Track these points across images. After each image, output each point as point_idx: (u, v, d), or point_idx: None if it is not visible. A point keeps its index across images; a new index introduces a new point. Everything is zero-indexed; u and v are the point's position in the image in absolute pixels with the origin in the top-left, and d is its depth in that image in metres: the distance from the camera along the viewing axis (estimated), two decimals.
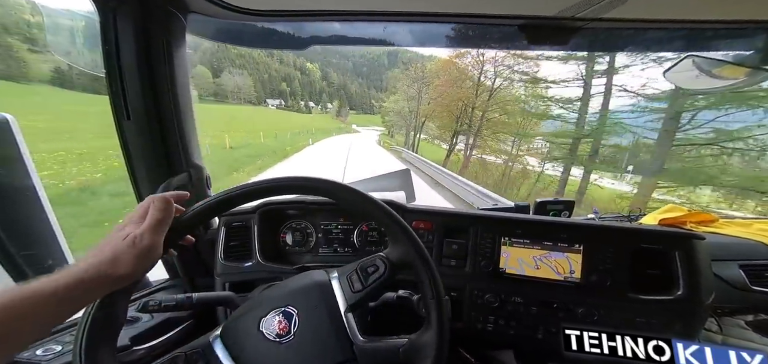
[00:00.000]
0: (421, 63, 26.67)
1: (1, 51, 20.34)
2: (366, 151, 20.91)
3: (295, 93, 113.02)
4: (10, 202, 0.67)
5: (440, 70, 19.54)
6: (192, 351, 0.47)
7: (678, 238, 0.78)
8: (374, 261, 0.52)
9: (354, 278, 0.52)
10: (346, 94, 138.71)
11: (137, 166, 0.78)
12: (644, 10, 0.71)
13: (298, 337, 0.47)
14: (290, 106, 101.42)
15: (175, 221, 0.47)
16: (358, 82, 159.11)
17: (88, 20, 0.72)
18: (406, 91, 26.79)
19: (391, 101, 33.65)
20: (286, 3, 0.76)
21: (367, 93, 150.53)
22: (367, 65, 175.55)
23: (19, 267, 0.66)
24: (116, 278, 0.38)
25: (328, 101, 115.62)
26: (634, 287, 0.75)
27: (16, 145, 0.67)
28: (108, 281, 0.38)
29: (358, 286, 0.51)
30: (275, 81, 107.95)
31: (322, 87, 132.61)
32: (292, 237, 0.91)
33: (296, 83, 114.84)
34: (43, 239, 0.71)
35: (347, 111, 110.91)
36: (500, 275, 0.79)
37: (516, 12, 0.75)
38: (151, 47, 0.72)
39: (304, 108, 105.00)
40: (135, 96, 0.72)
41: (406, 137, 28.89)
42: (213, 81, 70.21)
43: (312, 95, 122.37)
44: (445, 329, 0.47)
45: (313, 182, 0.52)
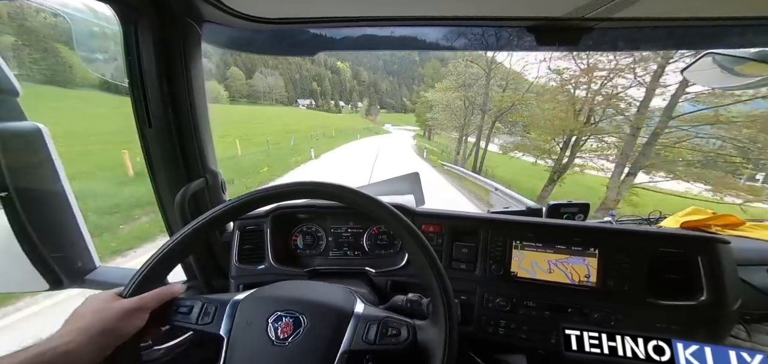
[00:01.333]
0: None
1: (50, 57, 20.93)
2: (400, 168, 9.78)
3: (326, 92, 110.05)
4: (43, 206, 0.72)
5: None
6: (210, 302, 0.52)
7: (700, 242, 0.75)
8: (402, 324, 0.49)
9: (373, 327, 0.48)
10: (376, 93, 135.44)
11: (158, 171, 0.81)
12: (656, 9, 0.69)
13: (291, 346, 0.47)
14: (320, 105, 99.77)
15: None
16: (389, 80, 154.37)
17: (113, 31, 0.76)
18: (464, 75, 16.26)
19: (438, 90, 21.18)
20: (296, 10, 0.78)
21: (398, 91, 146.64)
22: (398, 62, 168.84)
23: (51, 269, 0.70)
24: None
25: (359, 100, 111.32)
26: (652, 292, 0.73)
27: (48, 153, 0.71)
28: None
29: (370, 337, 0.48)
30: (306, 81, 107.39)
31: (353, 86, 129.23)
32: (303, 240, 0.93)
33: (327, 83, 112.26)
34: (73, 242, 0.76)
35: (377, 109, 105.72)
36: (511, 279, 0.78)
37: (524, 14, 0.75)
38: (169, 57, 0.75)
39: (334, 107, 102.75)
40: (156, 104, 0.76)
41: (461, 143, 19.28)
42: (246, 82, 71.00)
43: (342, 94, 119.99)
44: (454, 334, 0.46)
45: (325, 187, 0.53)
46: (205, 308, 0.52)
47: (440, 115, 21.00)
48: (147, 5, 0.68)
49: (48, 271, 0.70)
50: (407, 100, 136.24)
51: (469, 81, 16.39)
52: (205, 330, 0.51)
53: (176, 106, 0.79)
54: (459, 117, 18.33)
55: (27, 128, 0.71)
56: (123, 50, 0.72)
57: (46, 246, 0.70)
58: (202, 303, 0.52)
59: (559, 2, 0.67)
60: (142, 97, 0.75)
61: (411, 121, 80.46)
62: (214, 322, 0.50)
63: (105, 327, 0.42)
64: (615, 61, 8.44)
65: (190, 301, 0.53)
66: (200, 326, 0.51)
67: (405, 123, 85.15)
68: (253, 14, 0.76)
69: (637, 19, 0.73)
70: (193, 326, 0.51)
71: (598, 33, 0.79)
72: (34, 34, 19.53)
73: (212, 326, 0.50)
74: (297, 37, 0.97)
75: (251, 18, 0.77)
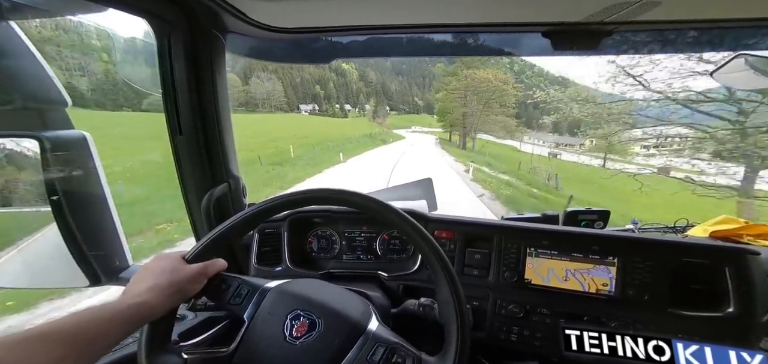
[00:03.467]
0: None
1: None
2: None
3: (330, 96, 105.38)
4: (87, 209, 0.78)
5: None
6: (245, 284, 0.56)
7: (728, 253, 0.72)
8: (408, 355, 0.49)
9: (380, 350, 0.49)
10: (384, 93, 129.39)
11: (187, 177, 0.86)
12: (679, 12, 0.68)
13: (300, 347, 0.49)
14: (325, 110, 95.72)
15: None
16: (399, 80, 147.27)
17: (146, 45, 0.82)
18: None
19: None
20: (312, 20, 0.81)
21: (408, 90, 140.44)
22: (407, 62, 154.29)
23: (92, 267, 0.77)
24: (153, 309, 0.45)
25: (366, 102, 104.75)
26: (674, 302, 0.70)
27: (92, 159, 0.78)
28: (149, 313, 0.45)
29: (374, 359, 0.48)
30: (308, 85, 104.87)
31: (360, 87, 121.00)
32: (318, 244, 0.96)
33: (331, 85, 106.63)
34: (111, 242, 0.82)
35: (386, 111, 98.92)
36: (525, 286, 0.77)
37: (542, 19, 0.74)
38: (198, 67, 0.80)
39: (340, 111, 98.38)
40: (186, 113, 0.80)
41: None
42: (242, 89, 71.10)
43: (348, 97, 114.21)
44: (466, 346, 0.46)
45: (337, 194, 0.55)
46: (239, 289, 0.56)
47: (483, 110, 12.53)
48: (179, 18, 0.72)
49: (89, 269, 0.77)
50: (419, 100, 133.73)
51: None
52: (233, 310, 0.54)
53: (204, 114, 0.84)
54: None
55: (74, 136, 0.78)
56: (157, 62, 0.77)
57: (88, 246, 0.76)
58: (238, 283, 0.56)
59: (577, 8, 0.66)
60: (174, 106, 0.79)
61: (425, 122, 77.06)
62: (243, 304, 0.54)
63: (176, 285, 0.48)
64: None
65: (229, 278, 0.57)
66: (230, 305, 0.55)
67: (416, 124, 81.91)
68: (272, 24, 0.80)
69: (659, 22, 0.71)
70: (225, 303, 0.55)
71: (618, 36, 0.77)
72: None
73: (240, 308, 0.54)
74: (313, 46, 1.01)
75: (271, 28, 0.81)
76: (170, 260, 0.51)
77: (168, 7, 0.69)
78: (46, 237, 0.77)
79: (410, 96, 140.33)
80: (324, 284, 0.64)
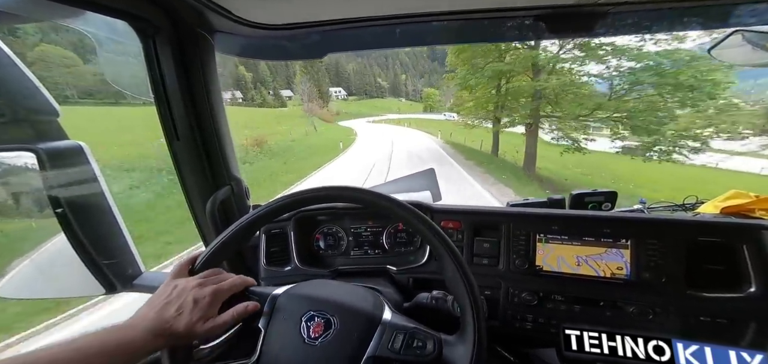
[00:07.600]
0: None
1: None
2: None
3: (264, 80, 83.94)
4: (92, 219, 0.79)
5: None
6: (253, 295, 0.56)
7: (743, 230, 0.69)
8: (428, 337, 0.48)
9: (399, 336, 0.49)
10: (338, 74, 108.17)
11: (188, 181, 0.86)
12: None
13: (320, 346, 0.49)
14: (251, 98, 76.62)
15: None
16: (357, 60, 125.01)
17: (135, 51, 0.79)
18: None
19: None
20: (302, 16, 0.78)
21: (368, 71, 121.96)
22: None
23: (106, 276, 0.79)
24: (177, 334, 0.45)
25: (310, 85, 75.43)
26: (692, 284, 0.68)
27: (91, 168, 0.78)
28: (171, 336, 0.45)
29: (396, 346, 0.48)
30: (228, 65, 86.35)
31: (301, 68, 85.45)
32: (324, 241, 0.96)
33: (262, 67, 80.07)
34: (121, 250, 0.83)
35: (338, 96, 78.71)
36: (537, 273, 0.76)
37: (536, 3, 0.73)
38: (188, 69, 0.77)
39: (274, 100, 76.55)
40: (180, 117, 0.79)
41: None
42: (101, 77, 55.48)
43: (289, 80, 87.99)
44: (483, 336, 0.46)
45: (338, 191, 0.55)
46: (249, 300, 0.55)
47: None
48: (162, 19, 0.69)
49: (104, 278, 0.79)
50: (382, 81, 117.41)
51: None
52: (246, 321, 0.55)
53: (199, 117, 0.82)
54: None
55: (70, 146, 0.77)
56: (146, 66, 0.75)
57: (99, 256, 0.78)
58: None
59: None
60: (168, 111, 0.78)
61: (392, 108, 61.89)
62: (256, 314, 0.54)
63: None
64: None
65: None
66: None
67: (383, 111, 62.17)
68: (260, 22, 0.77)
69: (654, 1, 0.70)
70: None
71: (615, 17, 0.75)
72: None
73: (253, 318, 0.54)
74: (304, 41, 0.97)
75: (259, 25, 0.79)
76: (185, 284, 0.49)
77: (148, 8, 0.66)
78: (57, 247, 0.78)
79: (371, 76, 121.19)
80: (331, 283, 0.64)
